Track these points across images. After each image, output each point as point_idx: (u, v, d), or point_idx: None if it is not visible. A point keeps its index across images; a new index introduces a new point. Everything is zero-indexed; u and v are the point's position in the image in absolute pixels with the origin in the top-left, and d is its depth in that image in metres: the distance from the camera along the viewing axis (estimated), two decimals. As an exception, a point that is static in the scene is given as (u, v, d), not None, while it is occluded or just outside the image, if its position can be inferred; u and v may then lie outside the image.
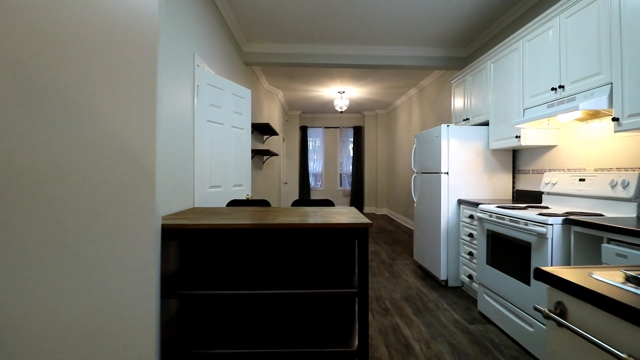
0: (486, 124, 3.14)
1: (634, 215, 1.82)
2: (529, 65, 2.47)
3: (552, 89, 2.20)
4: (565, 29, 2.11)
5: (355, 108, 8.12)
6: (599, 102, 1.82)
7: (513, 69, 2.67)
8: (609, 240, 1.54)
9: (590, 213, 1.93)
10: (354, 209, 2.14)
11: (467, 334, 2.21)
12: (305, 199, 7.13)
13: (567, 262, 1.79)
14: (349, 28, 3.57)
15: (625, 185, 1.87)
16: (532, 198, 2.85)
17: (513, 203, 2.67)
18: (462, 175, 3.10)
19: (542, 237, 1.84)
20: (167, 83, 1.99)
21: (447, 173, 3.09)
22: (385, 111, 8.41)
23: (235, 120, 2.96)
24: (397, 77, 5.43)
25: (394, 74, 5.28)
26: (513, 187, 3.16)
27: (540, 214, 1.92)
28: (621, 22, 1.72)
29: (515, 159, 3.14)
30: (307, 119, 8.97)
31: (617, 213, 1.90)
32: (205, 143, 2.55)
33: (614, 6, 1.76)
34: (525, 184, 3.00)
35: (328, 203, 2.50)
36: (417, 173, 3.75)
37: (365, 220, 1.67)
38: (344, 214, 1.90)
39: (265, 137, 5.70)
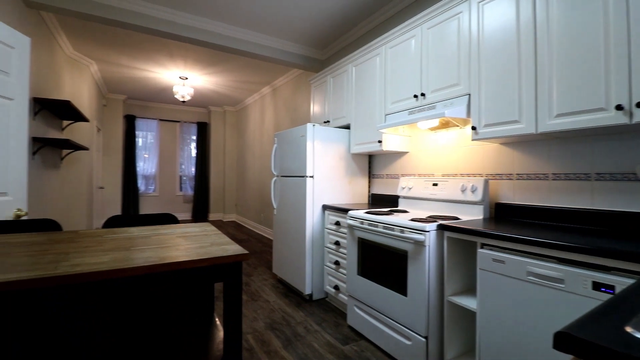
0: (347, 127, 3.09)
1: (481, 217, 2.01)
2: (391, 71, 2.50)
3: (414, 96, 2.25)
4: (427, 39, 2.18)
5: (201, 101, 7.09)
6: (459, 111, 1.91)
7: (375, 74, 2.67)
8: (483, 245, 1.55)
9: (449, 216, 2.02)
10: (212, 228, 1.49)
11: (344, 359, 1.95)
12: (131, 214, 5.59)
13: (441, 268, 1.77)
14: (198, -8, 2.82)
15: (474, 189, 2.04)
16: (388, 202, 2.95)
17: (371, 207, 2.66)
18: (327, 179, 2.92)
19: (420, 244, 1.76)
20: None
21: (313, 177, 2.83)
22: (234, 108, 7.76)
23: (-13, 80, 1.70)
24: (250, 71, 4.94)
25: (246, 67, 4.76)
26: (369, 191, 3.24)
27: (412, 220, 1.86)
28: (479, 41, 1.83)
29: (371, 164, 3.23)
30: (136, 107, 7.20)
31: (469, 215, 2.06)
32: None
33: (474, 24, 1.87)
34: (379, 188, 3.11)
35: (167, 219, 1.72)
36: (277, 176, 3.36)
37: (236, 248, 1.09)
38: (196, 239, 1.24)
39: (65, 122, 4.01)
